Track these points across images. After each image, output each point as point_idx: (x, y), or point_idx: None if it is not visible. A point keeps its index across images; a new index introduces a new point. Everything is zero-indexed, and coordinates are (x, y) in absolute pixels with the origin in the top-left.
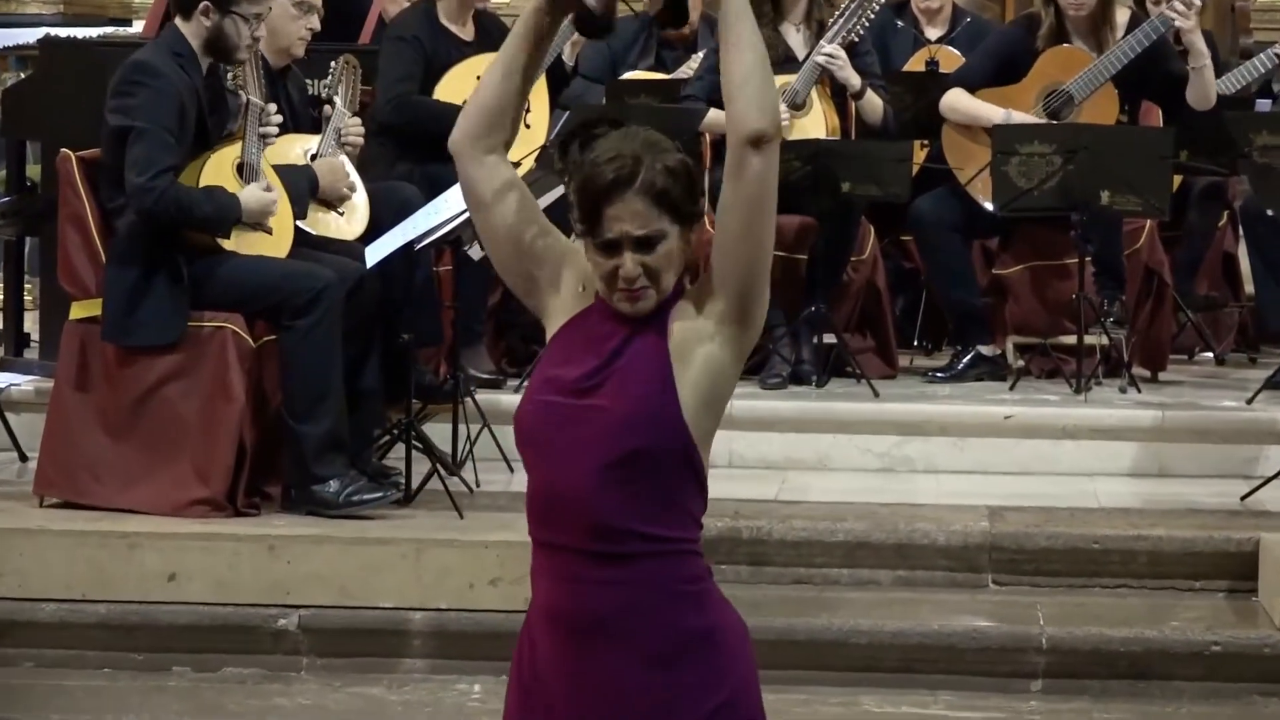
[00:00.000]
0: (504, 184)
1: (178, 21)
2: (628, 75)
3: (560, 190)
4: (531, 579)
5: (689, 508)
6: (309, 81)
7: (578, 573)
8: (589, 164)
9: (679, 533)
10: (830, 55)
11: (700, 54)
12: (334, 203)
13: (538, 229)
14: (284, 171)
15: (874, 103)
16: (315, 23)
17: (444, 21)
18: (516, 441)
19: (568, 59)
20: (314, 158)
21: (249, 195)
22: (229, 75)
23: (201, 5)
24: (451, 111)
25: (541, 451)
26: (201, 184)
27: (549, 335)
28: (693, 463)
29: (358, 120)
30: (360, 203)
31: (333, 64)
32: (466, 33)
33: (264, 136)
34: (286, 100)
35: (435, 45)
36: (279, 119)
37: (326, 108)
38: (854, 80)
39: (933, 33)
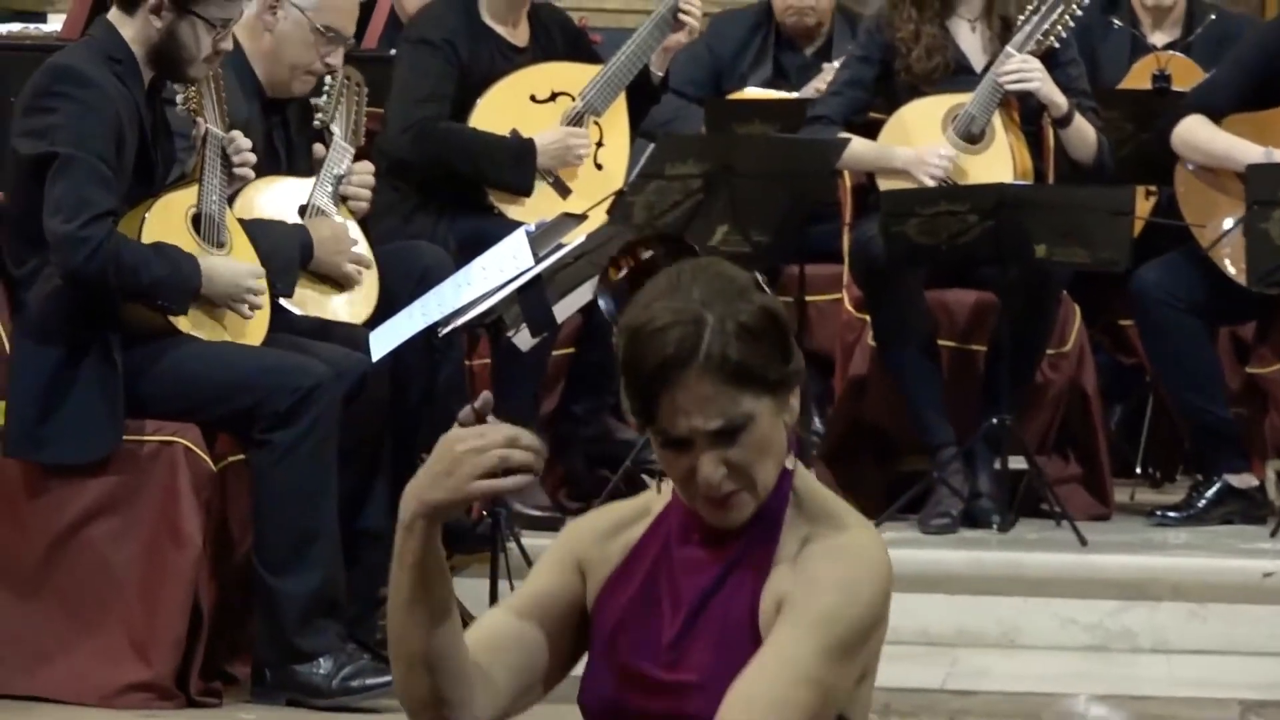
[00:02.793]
0: (514, 685)
1: (114, 18)
2: (738, 94)
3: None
4: None
5: None
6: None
7: None
8: (631, 326)
9: None
10: (1021, 68)
11: (835, 63)
12: (333, 275)
13: (547, 625)
14: (265, 229)
15: (1083, 132)
16: (337, 59)
17: (487, 20)
18: None
19: (656, 69)
20: (303, 211)
21: (216, 263)
22: (180, 96)
23: (152, 0)
24: (493, 145)
25: None
26: (145, 239)
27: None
28: None
29: (366, 167)
30: (367, 273)
31: (327, 80)
32: (518, 35)
33: (233, 177)
34: (283, 138)
35: (474, 52)
36: (253, 156)
37: (318, 145)
38: (1059, 100)
39: (1161, 37)
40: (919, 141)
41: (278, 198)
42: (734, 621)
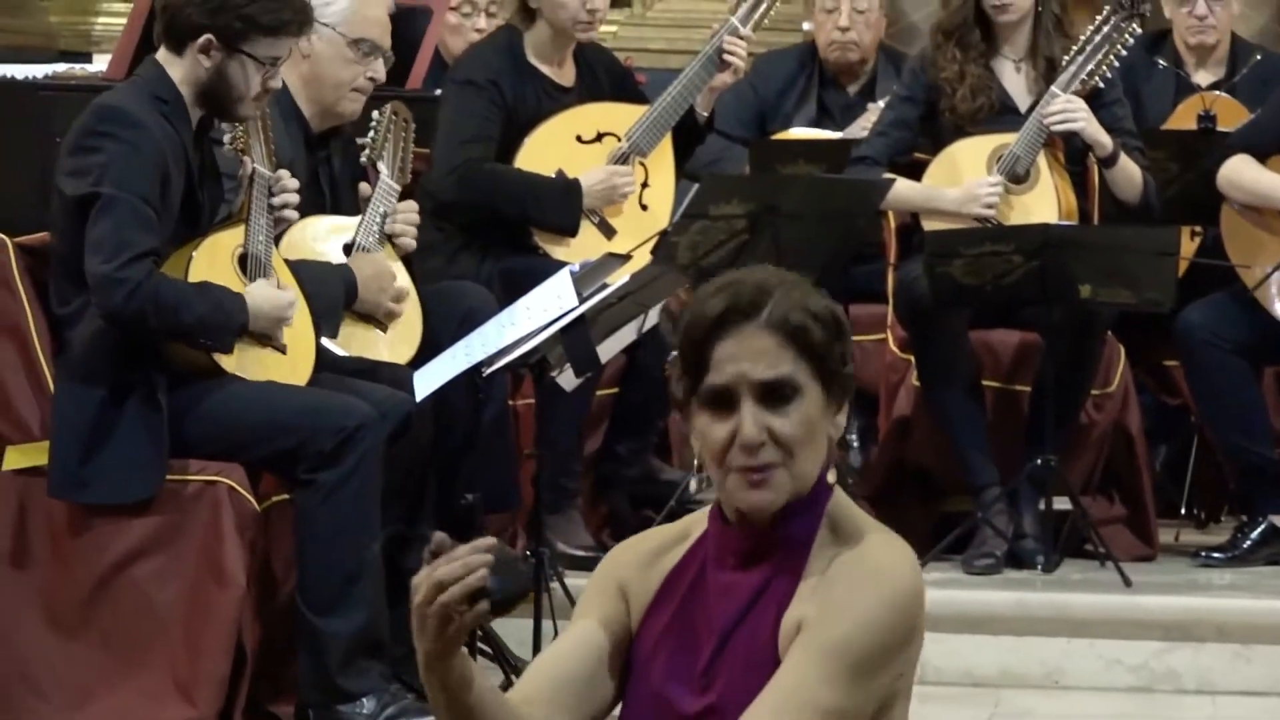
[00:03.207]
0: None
1: (162, 57)
2: (783, 134)
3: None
4: None
5: None
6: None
7: None
8: (696, 297)
9: None
10: (1066, 108)
11: (879, 102)
12: (375, 314)
13: (600, 663)
14: (309, 269)
15: (1128, 171)
16: (379, 71)
17: (533, 60)
18: None
19: (702, 109)
20: (348, 249)
21: (259, 292)
22: (227, 136)
23: (202, 39)
24: (540, 187)
25: None
26: (192, 279)
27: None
28: None
29: (411, 205)
30: (410, 312)
31: (375, 115)
32: (564, 76)
33: (278, 219)
34: (328, 178)
35: (520, 92)
36: (295, 197)
37: (364, 184)
38: (1103, 140)
39: (1205, 76)
40: (964, 182)
41: (324, 236)
42: (760, 645)
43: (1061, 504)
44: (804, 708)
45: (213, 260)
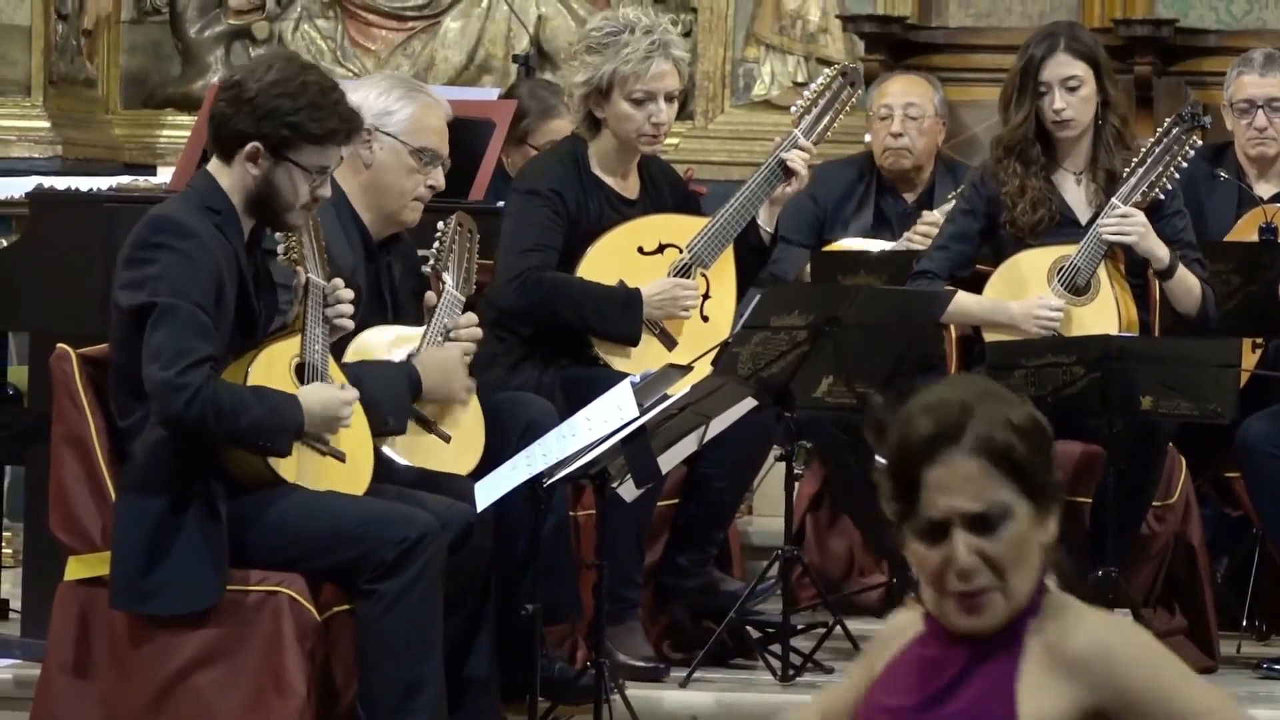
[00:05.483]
0: None
1: (213, 168)
2: (838, 243)
3: (749, 403)
4: None
5: None
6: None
7: None
8: (900, 418)
9: None
10: (1122, 221)
11: (936, 212)
12: (442, 414)
13: None
14: (371, 368)
15: (1188, 283)
16: (439, 179)
17: (596, 171)
18: None
19: (765, 224)
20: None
21: (313, 392)
22: (280, 247)
23: (249, 147)
24: (599, 295)
25: None
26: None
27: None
28: None
29: (472, 318)
30: (470, 423)
31: (440, 226)
32: (628, 188)
33: (334, 328)
34: (389, 286)
35: (584, 203)
36: (350, 307)
37: (429, 294)
38: (1160, 253)
39: (1267, 188)
40: (1025, 293)
41: (387, 347)
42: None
43: (1123, 615)
44: None
45: (270, 370)
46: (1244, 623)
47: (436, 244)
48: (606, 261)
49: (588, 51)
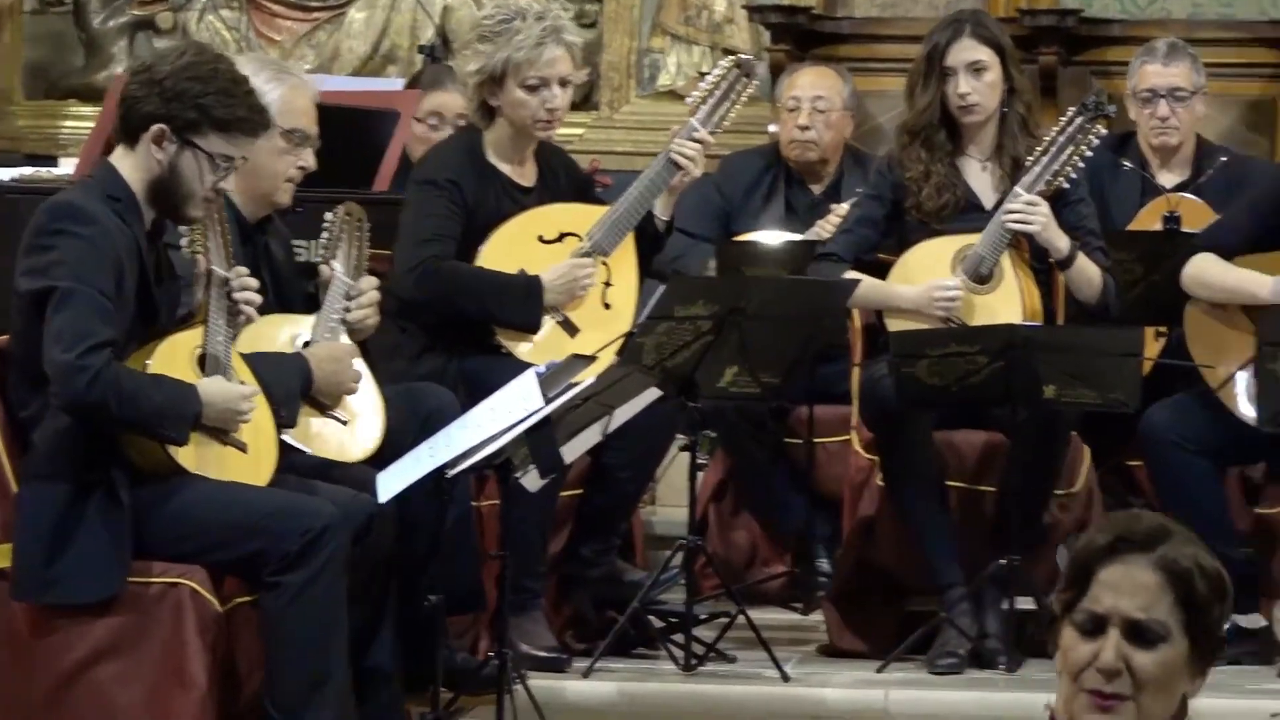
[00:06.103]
0: None
1: (116, 156)
2: (748, 235)
3: (654, 393)
4: None
5: None
6: (301, 245)
7: None
8: (1097, 525)
9: None
10: (1024, 209)
11: (844, 204)
12: (334, 404)
13: None
14: (264, 360)
15: (1088, 273)
16: (309, 159)
17: (493, 160)
18: None
19: (661, 213)
20: (307, 347)
21: (212, 385)
22: (184, 240)
23: (154, 129)
24: (499, 282)
25: None
26: None
27: None
28: None
29: (372, 282)
30: (369, 409)
31: (327, 216)
32: (525, 175)
33: (236, 315)
34: (268, 265)
35: (481, 192)
36: (258, 298)
37: (323, 268)
38: (1059, 243)
39: (1170, 178)
40: (926, 281)
41: (280, 335)
42: None
43: (1025, 604)
44: None
45: (173, 360)
46: None
47: (325, 234)
48: (507, 251)
49: (480, 40)
